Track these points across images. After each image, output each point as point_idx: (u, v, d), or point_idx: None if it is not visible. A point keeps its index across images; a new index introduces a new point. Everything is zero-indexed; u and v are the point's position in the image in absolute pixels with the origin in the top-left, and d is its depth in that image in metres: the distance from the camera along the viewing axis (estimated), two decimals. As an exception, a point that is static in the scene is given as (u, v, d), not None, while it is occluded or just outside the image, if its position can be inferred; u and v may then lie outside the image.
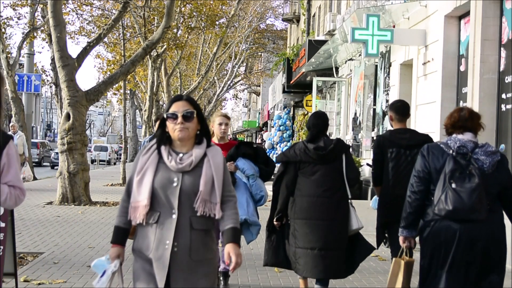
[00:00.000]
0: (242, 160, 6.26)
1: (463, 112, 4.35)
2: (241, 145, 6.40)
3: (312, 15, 28.52)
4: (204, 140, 3.49)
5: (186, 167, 3.40)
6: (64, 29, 13.70)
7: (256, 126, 55.46)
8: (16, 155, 3.44)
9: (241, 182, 6.20)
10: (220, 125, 6.37)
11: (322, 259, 5.55)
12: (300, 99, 28.26)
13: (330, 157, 5.66)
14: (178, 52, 25.68)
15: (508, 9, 8.97)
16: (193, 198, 3.37)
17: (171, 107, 3.45)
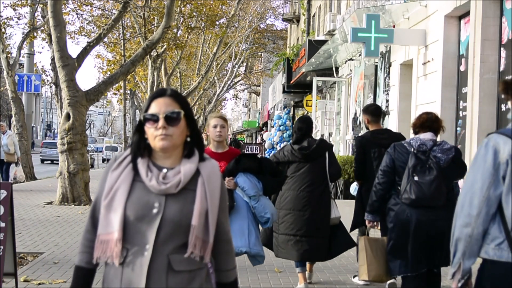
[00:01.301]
0: (243, 177, 5.31)
1: (430, 115, 5.12)
2: (242, 158, 5.36)
3: (312, 15, 28.52)
4: (196, 151, 2.59)
5: (171, 189, 2.50)
6: (64, 29, 13.70)
7: (256, 126, 55.46)
8: None
9: (241, 202, 5.29)
10: (214, 128, 5.44)
11: (302, 244, 6.26)
12: (300, 99, 28.28)
13: (314, 155, 6.38)
14: (178, 52, 25.68)
15: (508, 9, 8.97)
16: (178, 232, 2.50)
17: (151, 105, 2.56)
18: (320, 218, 6.30)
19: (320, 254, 6.39)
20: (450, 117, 10.57)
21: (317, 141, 6.43)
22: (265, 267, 7.32)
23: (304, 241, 6.24)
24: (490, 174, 2.79)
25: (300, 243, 6.24)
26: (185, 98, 2.66)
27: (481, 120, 9.16)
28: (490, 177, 2.80)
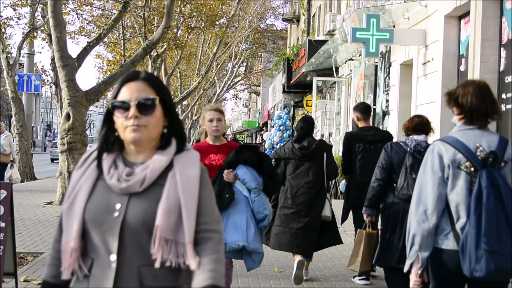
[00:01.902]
0: (243, 168, 5.03)
1: (422, 118, 5.46)
2: (243, 149, 5.10)
3: (312, 15, 28.52)
4: (173, 142, 2.22)
5: (134, 187, 2.13)
6: (64, 29, 13.70)
7: (256, 126, 55.46)
8: None
9: (241, 196, 5.00)
10: (210, 122, 5.16)
11: (299, 238, 6.66)
12: (300, 99, 28.27)
13: (313, 155, 6.73)
14: (178, 52, 25.67)
15: (508, 9, 8.97)
16: (146, 238, 2.11)
17: (121, 91, 2.20)
18: (315, 214, 6.73)
19: (311, 247, 6.79)
20: (450, 117, 10.47)
21: (317, 142, 6.83)
22: (265, 267, 7.32)
23: (301, 235, 6.67)
24: (438, 177, 3.26)
25: (295, 237, 6.68)
26: (162, 83, 2.27)
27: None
28: (438, 179, 3.27)
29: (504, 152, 3.30)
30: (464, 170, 3.25)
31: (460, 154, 3.26)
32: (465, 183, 3.23)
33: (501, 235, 3.12)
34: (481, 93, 3.35)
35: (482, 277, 3.13)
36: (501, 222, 3.14)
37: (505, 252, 3.12)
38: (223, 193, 4.93)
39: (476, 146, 3.28)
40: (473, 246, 3.13)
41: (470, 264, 3.14)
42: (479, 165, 3.23)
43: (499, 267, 3.11)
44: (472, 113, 3.33)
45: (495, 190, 3.16)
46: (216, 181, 4.97)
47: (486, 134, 3.34)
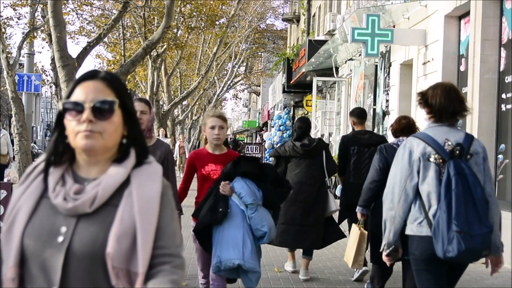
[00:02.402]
0: (240, 181, 4.69)
1: (408, 120, 5.60)
2: (242, 160, 4.78)
3: (312, 15, 28.52)
4: (132, 154, 1.89)
5: (83, 207, 1.79)
6: (64, 29, 13.70)
7: (256, 126, 55.45)
8: None
9: (237, 210, 4.67)
10: (212, 129, 4.88)
11: (299, 233, 6.81)
12: (300, 99, 28.27)
13: (313, 152, 6.98)
14: (178, 52, 25.67)
15: (508, 9, 8.97)
16: (94, 268, 1.78)
17: (75, 90, 1.87)
18: (319, 210, 6.92)
19: (317, 243, 6.96)
20: (450, 117, 10.57)
21: (317, 140, 7.14)
22: (265, 267, 7.32)
23: (304, 231, 6.83)
24: (406, 170, 3.61)
25: (300, 233, 6.83)
26: (124, 84, 1.96)
27: (481, 120, 9.16)
28: (406, 172, 3.61)
29: (470, 146, 3.63)
30: (433, 161, 3.58)
31: (430, 148, 3.59)
32: (435, 174, 3.56)
33: (469, 219, 3.43)
34: (448, 94, 3.69)
35: (454, 257, 3.41)
36: (469, 207, 3.44)
37: (475, 233, 3.41)
38: (217, 206, 4.64)
39: (445, 140, 3.61)
40: (445, 228, 3.42)
41: (443, 246, 3.42)
42: (447, 157, 3.55)
43: (469, 248, 3.39)
44: (441, 112, 3.67)
45: (463, 178, 3.47)
46: (212, 193, 4.74)
47: (454, 131, 3.69)
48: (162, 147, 4.59)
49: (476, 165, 3.63)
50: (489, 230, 3.49)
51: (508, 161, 8.79)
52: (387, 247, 3.71)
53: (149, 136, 4.52)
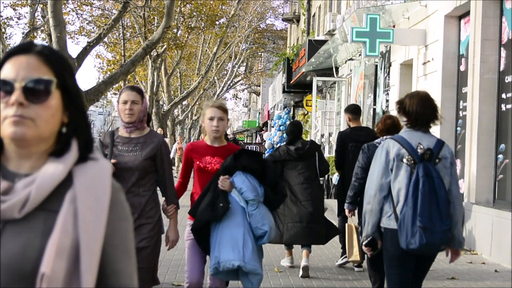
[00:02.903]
0: (241, 176, 4.37)
1: (393, 119, 5.79)
2: (244, 154, 4.46)
3: (312, 15, 28.52)
4: (74, 146, 1.51)
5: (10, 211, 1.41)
6: (64, 29, 13.70)
7: (256, 126, 55.45)
8: None
9: (237, 207, 4.36)
10: (211, 120, 4.52)
11: (306, 230, 7.11)
12: (300, 99, 28.27)
13: (307, 155, 7.31)
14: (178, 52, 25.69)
15: (508, 9, 8.97)
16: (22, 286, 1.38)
17: (4, 66, 1.49)
18: (318, 208, 7.29)
19: (321, 238, 7.31)
20: (450, 117, 10.56)
21: (309, 142, 7.53)
22: (265, 267, 7.32)
23: (308, 228, 7.15)
24: (382, 168, 4.01)
25: (306, 229, 7.13)
26: (66, 60, 1.57)
27: (481, 120, 9.16)
28: (382, 170, 4.01)
29: (439, 151, 4.03)
30: (406, 162, 3.98)
31: (404, 149, 4.00)
32: (406, 173, 3.96)
33: (432, 216, 3.87)
34: (424, 103, 4.10)
35: (416, 249, 3.86)
36: (433, 206, 3.88)
37: (435, 230, 3.87)
38: (217, 202, 4.31)
39: (418, 144, 4.02)
40: (410, 223, 3.87)
41: (407, 238, 3.87)
42: (418, 159, 3.95)
43: (429, 242, 3.85)
44: (417, 119, 4.08)
45: (430, 180, 3.90)
46: (210, 188, 4.40)
47: (427, 136, 4.09)
48: (155, 138, 4.30)
49: (444, 168, 4.03)
50: (448, 227, 3.95)
51: (508, 161, 8.79)
52: (365, 238, 4.11)
53: (141, 127, 4.27)
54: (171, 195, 4.37)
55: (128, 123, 4.21)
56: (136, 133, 4.26)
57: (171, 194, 4.37)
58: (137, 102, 4.18)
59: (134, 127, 4.23)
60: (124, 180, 4.12)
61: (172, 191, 4.38)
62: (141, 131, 4.28)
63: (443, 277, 7.22)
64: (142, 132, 4.28)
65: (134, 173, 4.17)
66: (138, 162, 4.17)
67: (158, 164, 4.25)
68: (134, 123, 4.20)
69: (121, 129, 4.31)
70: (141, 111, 4.21)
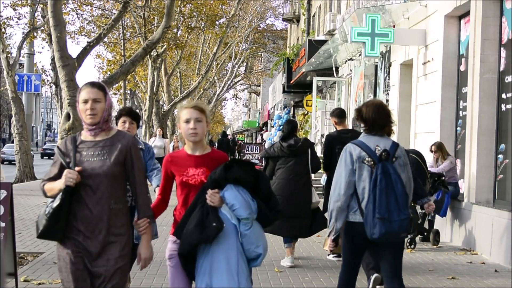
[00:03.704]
0: (232, 190, 3.80)
1: None
2: (235, 164, 3.86)
3: (312, 15, 28.52)
4: None
5: None
6: (64, 29, 13.69)
7: (256, 126, 55.46)
8: None
9: (229, 226, 3.79)
10: (187, 123, 3.94)
11: (291, 223, 7.48)
12: (300, 99, 28.27)
13: (299, 151, 7.68)
14: (178, 52, 25.68)
15: (508, 9, 8.97)
16: None
17: None
18: (304, 202, 7.67)
19: (304, 231, 7.74)
20: (450, 117, 10.57)
21: (302, 140, 7.82)
22: (265, 267, 7.33)
23: (292, 221, 7.50)
24: (349, 168, 4.53)
25: (288, 222, 7.45)
26: None
27: (481, 120, 9.16)
28: (349, 170, 4.53)
29: (395, 151, 4.58)
30: (366, 163, 4.52)
31: (364, 152, 4.54)
32: (368, 173, 4.50)
33: (390, 208, 4.40)
34: (378, 110, 4.65)
35: (377, 238, 4.39)
36: (391, 199, 4.41)
37: (393, 220, 4.39)
38: (207, 221, 3.73)
39: (375, 146, 4.56)
40: (371, 216, 4.40)
41: (370, 229, 4.40)
42: (376, 160, 4.50)
43: (388, 231, 4.38)
44: (373, 125, 4.63)
45: (387, 177, 4.45)
46: (197, 204, 3.81)
47: (383, 139, 4.64)
48: (123, 139, 3.77)
49: (400, 166, 4.57)
50: (406, 217, 4.44)
51: (508, 161, 8.79)
52: (334, 233, 4.56)
53: (107, 128, 3.76)
54: (144, 205, 3.77)
55: (91, 125, 3.71)
56: (101, 135, 3.75)
57: (143, 205, 3.77)
58: (99, 100, 3.70)
59: (99, 129, 3.73)
60: (91, 190, 3.63)
61: (144, 201, 3.78)
62: (107, 132, 3.77)
63: (443, 277, 7.22)
64: (108, 133, 3.78)
65: (103, 181, 3.64)
66: (107, 167, 3.65)
67: (128, 169, 3.75)
68: (98, 124, 3.71)
69: (84, 132, 3.79)
70: (105, 110, 3.73)
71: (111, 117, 3.82)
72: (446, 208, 9.42)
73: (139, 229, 3.77)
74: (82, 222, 3.61)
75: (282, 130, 8.14)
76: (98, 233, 3.61)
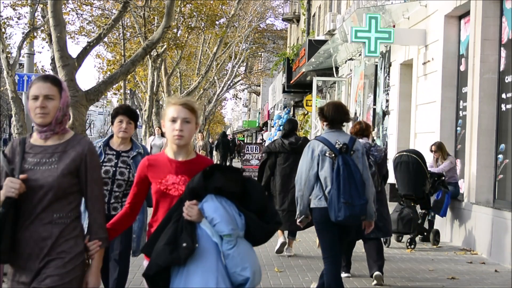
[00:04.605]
0: (213, 201, 3.18)
1: (362, 125, 7.00)
2: (216, 171, 3.24)
3: (312, 15, 28.52)
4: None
5: None
6: (64, 29, 13.69)
7: (256, 126, 55.46)
8: None
9: (209, 245, 3.15)
10: (173, 123, 3.31)
11: (290, 217, 7.62)
12: (300, 99, 28.27)
13: (299, 149, 7.66)
14: (178, 52, 25.67)
15: (508, 9, 8.97)
16: None
17: None
18: None
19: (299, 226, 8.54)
20: (450, 117, 10.57)
21: (302, 138, 8.26)
22: (265, 267, 7.33)
23: (291, 215, 7.65)
24: (309, 162, 5.23)
25: (287, 217, 7.82)
26: None
27: (481, 120, 9.16)
28: (309, 164, 5.23)
29: (353, 145, 5.23)
30: (328, 156, 5.19)
31: (325, 146, 5.20)
32: (329, 164, 5.18)
33: (352, 194, 5.05)
34: (337, 109, 5.32)
35: (342, 220, 5.05)
36: (352, 186, 5.07)
37: (355, 204, 5.04)
38: (181, 238, 3.13)
39: (336, 141, 5.21)
40: (336, 201, 5.06)
41: (335, 213, 5.06)
42: (337, 153, 5.16)
43: (351, 213, 5.03)
44: (333, 122, 5.31)
45: (348, 167, 5.10)
46: (172, 218, 3.21)
47: (342, 134, 5.32)
48: (78, 145, 3.16)
49: (357, 158, 5.21)
50: (365, 201, 5.11)
51: (508, 161, 8.79)
52: (299, 215, 5.32)
53: (60, 131, 3.14)
54: (95, 225, 3.19)
55: (41, 126, 3.11)
56: (53, 140, 3.13)
57: (95, 224, 3.19)
58: (52, 97, 3.09)
59: (50, 131, 3.11)
60: (31, 204, 3.03)
61: (97, 220, 3.19)
62: (61, 136, 3.16)
63: (443, 277, 7.22)
64: (62, 138, 3.16)
65: (47, 194, 3.04)
66: (53, 179, 3.04)
67: (82, 181, 3.14)
68: (49, 125, 3.09)
69: (34, 134, 3.18)
70: (58, 110, 3.11)
71: (67, 118, 3.22)
72: (446, 208, 9.42)
73: (87, 252, 3.17)
74: (21, 240, 3.05)
75: (283, 128, 8.47)
76: (38, 252, 3.03)
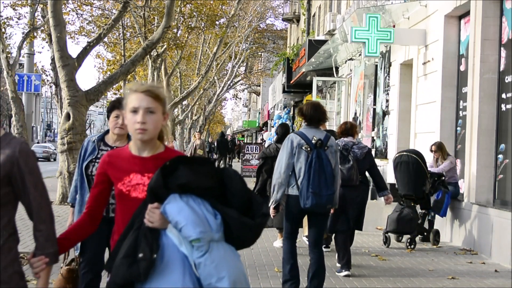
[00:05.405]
0: (176, 202, 2.65)
1: (347, 124, 7.67)
2: (181, 165, 2.69)
3: (312, 15, 28.52)
4: None
5: None
6: (64, 29, 13.69)
7: (256, 126, 55.46)
8: None
9: (175, 256, 2.64)
10: (134, 114, 2.78)
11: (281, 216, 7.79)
12: (300, 99, 28.27)
13: None
14: (178, 52, 25.67)
15: (508, 9, 8.97)
16: None
17: None
18: None
19: None
20: (450, 117, 10.57)
21: None
22: (265, 267, 7.33)
23: None
24: (288, 153, 5.77)
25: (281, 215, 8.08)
26: None
27: (481, 120, 9.16)
28: (288, 154, 5.77)
29: (327, 141, 5.79)
30: (304, 149, 5.75)
31: (303, 140, 5.77)
32: (304, 156, 5.74)
33: (321, 185, 5.62)
34: (316, 109, 5.89)
35: (309, 207, 5.64)
36: (321, 178, 5.64)
37: (322, 194, 5.62)
38: (138, 250, 2.63)
39: (312, 136, 5.77)
40: (305, 190, 5.63)
41: (303, 201, 5.65)
42: (312, 147, 5.72)
43: (318, 202, 5.63)
44: (311, 119, 5.88)
45: (320, 161, 5.67)
46: (133, 226, 2.71)
47: (319, 131, 5.90)
48: (7, 146, 2.61)
49: (331, 153, 5.78)
50: (332, 192, 5.69)
51: (508, 161, 8.79)
52: (274, 203, 5.80)
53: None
54: (41, 238, 2.65)
55: None
56: None
57: (42, 237, 2.65)
58: None
59: None
60: None
61: (43, 232, 2.65)
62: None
63: (443, 277, 7.22)
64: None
65: None
66: None
67: (18, 188, 2.62)
68: None
69: None
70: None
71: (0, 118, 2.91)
72: (446, 208, 9.42)
73: (33, 269, 2.65)
74: None
75: (276, 133, 8.78)
76: None
